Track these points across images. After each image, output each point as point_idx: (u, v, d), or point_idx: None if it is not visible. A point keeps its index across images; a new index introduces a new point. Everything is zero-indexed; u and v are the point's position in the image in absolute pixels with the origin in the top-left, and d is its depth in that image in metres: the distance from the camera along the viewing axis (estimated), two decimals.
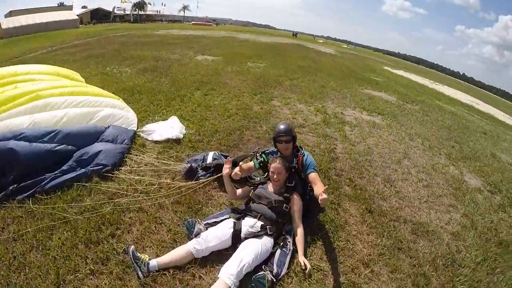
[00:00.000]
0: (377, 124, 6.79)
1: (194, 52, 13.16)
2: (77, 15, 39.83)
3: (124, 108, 4.58)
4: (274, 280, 2.20)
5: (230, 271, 2.06)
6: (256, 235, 2.41)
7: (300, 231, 2.60)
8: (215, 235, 2.35)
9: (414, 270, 2.74)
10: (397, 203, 3.79)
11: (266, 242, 2.39)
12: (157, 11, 66.39)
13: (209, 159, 3.63)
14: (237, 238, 2.40)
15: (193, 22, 56.86)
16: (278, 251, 2.41)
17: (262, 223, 2.50)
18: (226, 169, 2.79)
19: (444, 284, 2.68)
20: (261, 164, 3.04)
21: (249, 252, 2.22)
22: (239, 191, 2.93)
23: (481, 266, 3.02)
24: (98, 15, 51.37)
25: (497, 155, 6.79)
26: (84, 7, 53.67)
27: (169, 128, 4.47)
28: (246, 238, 2.40)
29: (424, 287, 2.59)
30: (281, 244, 2.47)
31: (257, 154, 3.10)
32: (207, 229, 2.44)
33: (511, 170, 6.04)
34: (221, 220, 2.58)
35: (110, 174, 3.20)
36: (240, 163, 2.93)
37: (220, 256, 2.38)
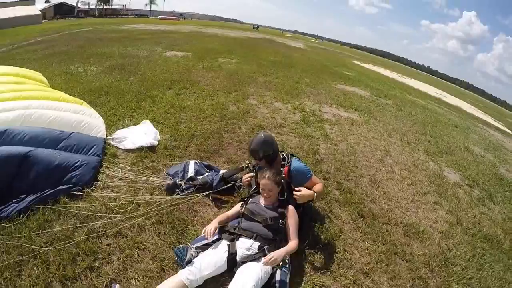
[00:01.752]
0: (356, 121, 6.81)
1: (163, 48, 12.54)
2: (40, 10, 36.87)
3: (92, 115, 4.14)
4: None
5: None
6: (254, 258, 2.18)
7: (293, 243, 2.38)
8: (210, 262, 2.10)
9: (412, 274, 2.71)
10: (386, 204, 3.76)
11: None
12: (123, 6, 63.33)
13: (191, 170, 3.35)
14: (233, 262, 2.17)
15: (160, 16, 54.85)
16: (278, 272, 2.20)
17: (259, 243, 2.28)
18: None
19: (440, 285, 2.70)
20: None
21: (250, 278, 2.00)
22: (230, 213, 2.63)
23: (471, 263, 3.09)
24: (62, 10, 48.14)
25: (470, 148, 7.09)
26: (47, 1, 49.76)
27: (142, 134, 4.10)
28: (243, 262, 2.17)
29: None
30: (280, 263, 2.25)
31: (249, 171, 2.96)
32: (198, 254, 2.18)
33: (485, 163, 6.33)
34: (213, 242, 2.32)
35: (80, 193, 2.81)
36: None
37: (215, 282, 2.14)
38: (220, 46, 16.00)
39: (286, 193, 2.65)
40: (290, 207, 2.56)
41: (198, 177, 3.17)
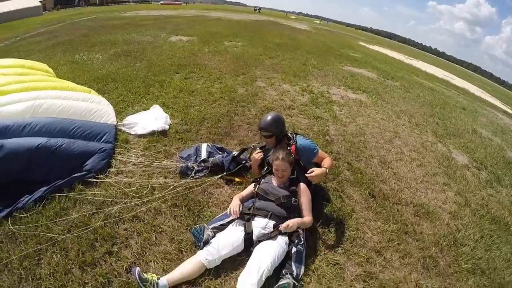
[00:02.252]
0: (364, 103, 6.76)
1: (167, 33, 12.37)
2: (40, 1, 36.29)
3: (101, 102, 4.16)
4: (297, 284, 2.08)
5: (251, 280, 1.91)
6: (270, 237, 2.25)
7: (307, 218, 2.48)
8: (227, 242, 2.16)
9: (422, 253, 2.77)
10: (396, 185, 3.78)
11: (282, 242, 2.24)
12: None
13: (203, 152, 3.38)
14: (249, 241, 2.23)
15: (161, 1, 53.70)
16: (294, 250, 2.27)
17: (274, 222, 2.34)
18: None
19: (450, 264, 2.74)
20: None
21: (267, 256, 2.07)
22: (244, 193, 2.68)
23: (479, 243, 3.13)
24: (62, 0, 47.27)
25: (478, 131, 7.03)
26: None
27: (153, 119, 4.13)
28: (259, 241, 2.24)
29: (433, 269, 2.64)
30: (296, 241, 2.32)
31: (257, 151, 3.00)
32: (214, 235, 2.25)
33: (493, 146, 6.28)
34: (228, 223, 2.38)
35: (94, 180, 2.86)
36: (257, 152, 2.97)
37: (232, 262, 2.21)
38: (224, 30, 15.77)
39: (295, 171, 2.70)
40: (302, 185, 2.62)
41: (210, 159, 3.21)
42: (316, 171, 2.60)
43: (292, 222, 2.28)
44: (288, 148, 2.78)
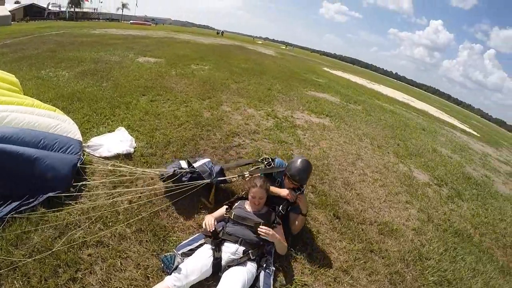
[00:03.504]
0: (327, 127, 7.06)
1: (135, 53, 12.18)
2: (10, 11, 34.57)
3: (66, 121, 3.98)
4: None
5: None
6: (239, 262, 2.24)
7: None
8: (195, 268, 2.12)
9: (388, 269, 2.91)
10: (360, 205, 3.95)
11: (251, 268, 2.24)
12: (94, 9, 61.33)
13: (183, 165, 3.30)
14: (218, 266, 2.21)
15: (131, 21, 53.51)
16: (262, 274, 2.28)
17: (244, 248, 2.34)
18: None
19: (417, 278, 2.91)
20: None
21: (237, 281, 2.06)
22: (216, 215, 2.66)
23: (444, 256, 3.36)
24: (32, 12, 45.68)
25: (437, 150, 7.61)
26: (17, 2, 47.05)
27: (118, 141, 4.00)
28: (229, 266, 2.22)
29: (400, 284, 2.78)
30: (264, 266, 2.33)
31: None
32: (183, 260, 2.19)
33: (452, 163, 6.84)
34: (197, 247, 2.34)
35: (57, 200, 2.71)
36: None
37: (200, 287, 2.17)
38: (192, 53, 15.84)
39: (285, 209, 2.81)
40: (278, 226, 2.65)
41: (196, 165, 3.12)
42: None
43: (273, 233, 2.38)
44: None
